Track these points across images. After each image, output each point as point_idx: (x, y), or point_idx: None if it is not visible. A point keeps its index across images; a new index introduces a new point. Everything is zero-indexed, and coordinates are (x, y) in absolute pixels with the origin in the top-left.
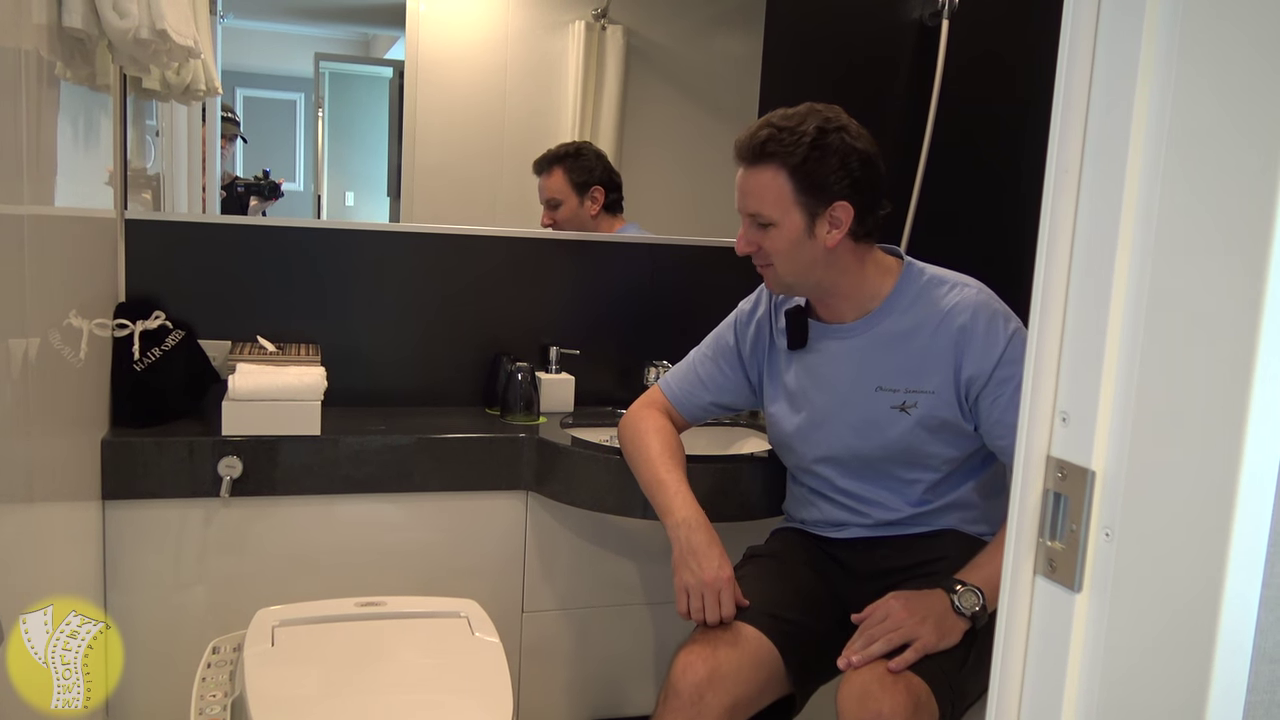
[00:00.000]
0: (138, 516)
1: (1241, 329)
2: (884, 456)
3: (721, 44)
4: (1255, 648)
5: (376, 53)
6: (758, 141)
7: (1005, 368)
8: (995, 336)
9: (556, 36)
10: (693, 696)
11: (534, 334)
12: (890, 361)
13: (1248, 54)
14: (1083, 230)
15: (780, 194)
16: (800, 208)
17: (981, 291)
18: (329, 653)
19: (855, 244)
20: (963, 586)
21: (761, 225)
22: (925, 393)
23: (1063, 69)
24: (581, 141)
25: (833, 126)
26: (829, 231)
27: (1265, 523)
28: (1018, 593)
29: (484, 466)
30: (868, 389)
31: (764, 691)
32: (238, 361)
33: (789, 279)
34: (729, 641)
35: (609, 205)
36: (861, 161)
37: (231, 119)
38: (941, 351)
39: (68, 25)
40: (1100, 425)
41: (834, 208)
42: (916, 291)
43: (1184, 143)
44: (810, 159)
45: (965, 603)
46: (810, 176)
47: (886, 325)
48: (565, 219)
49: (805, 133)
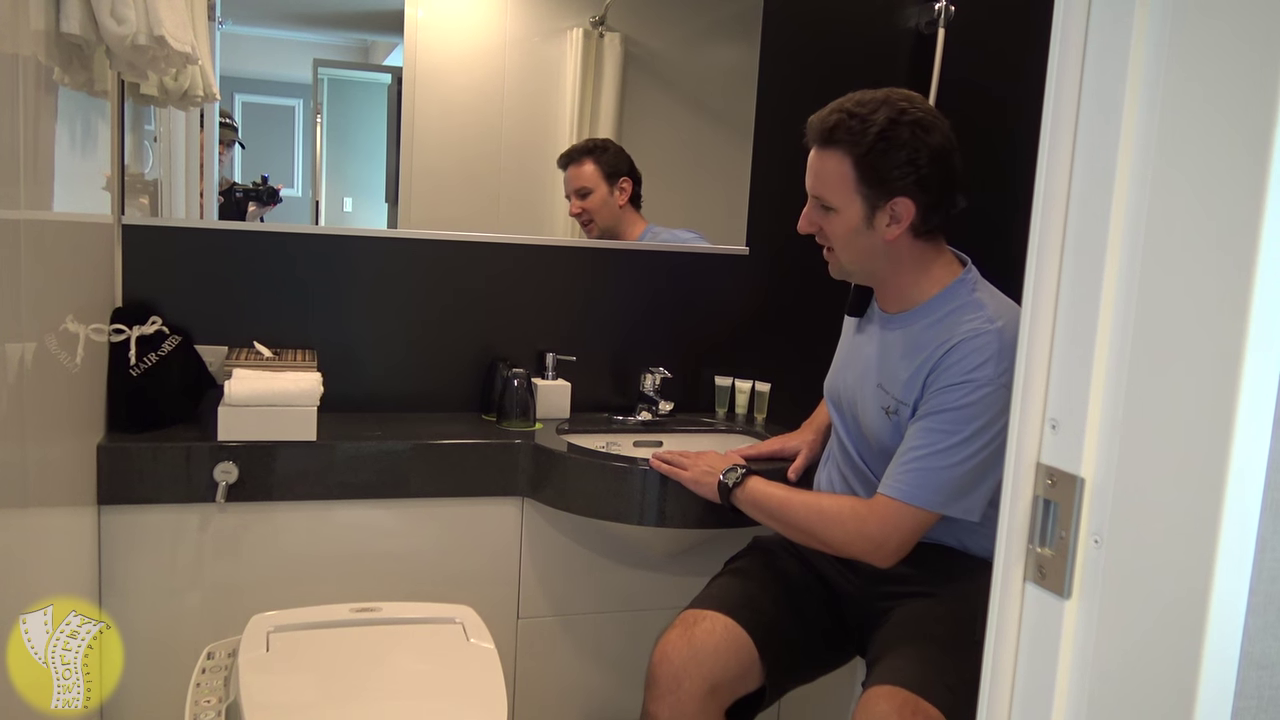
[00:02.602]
0: (133, 522)
1: (1228, 337)
2: (875, 449)
3: (719, 52)
4: (1243, 653)
5: (375, 59)
6: (828, 126)
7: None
8: (967, 362)
9: (554, 43)
10: (671, 684)
11: (530, 340)
12: (895, 364)
13: (1235, 66)
14: (1072, 239)
15: (843, 181)
16: (861, 197)
17: (1006, 330)
18: (324, 659)
19: (916, 239)
20: (738, 472)
21: (824, 209)
22: (906, 404)
23: (1052, 81)
24: (605, 139)
25: (907, 119)
26: (888, 225)
27: (1252, 530)
28: (1008, 599)
29: (480, 473)
30: (872, 382)
31: (742, 678)
32: (234, 367)
33: (848, 265)
34: (705, 629)
35: (634, 198)
36: (932, 157)
37: (230, 124)
38: (927, 369)
39: (65, 31)
40: (1089, 432)
41: (895, 202)
42: (955, 307)
43: (1172, 153)
44: (876, 150)
45: (728, 478)
46: (874, 168)
47: (912, 329)
48: (596, 207)
49: (875, 122)
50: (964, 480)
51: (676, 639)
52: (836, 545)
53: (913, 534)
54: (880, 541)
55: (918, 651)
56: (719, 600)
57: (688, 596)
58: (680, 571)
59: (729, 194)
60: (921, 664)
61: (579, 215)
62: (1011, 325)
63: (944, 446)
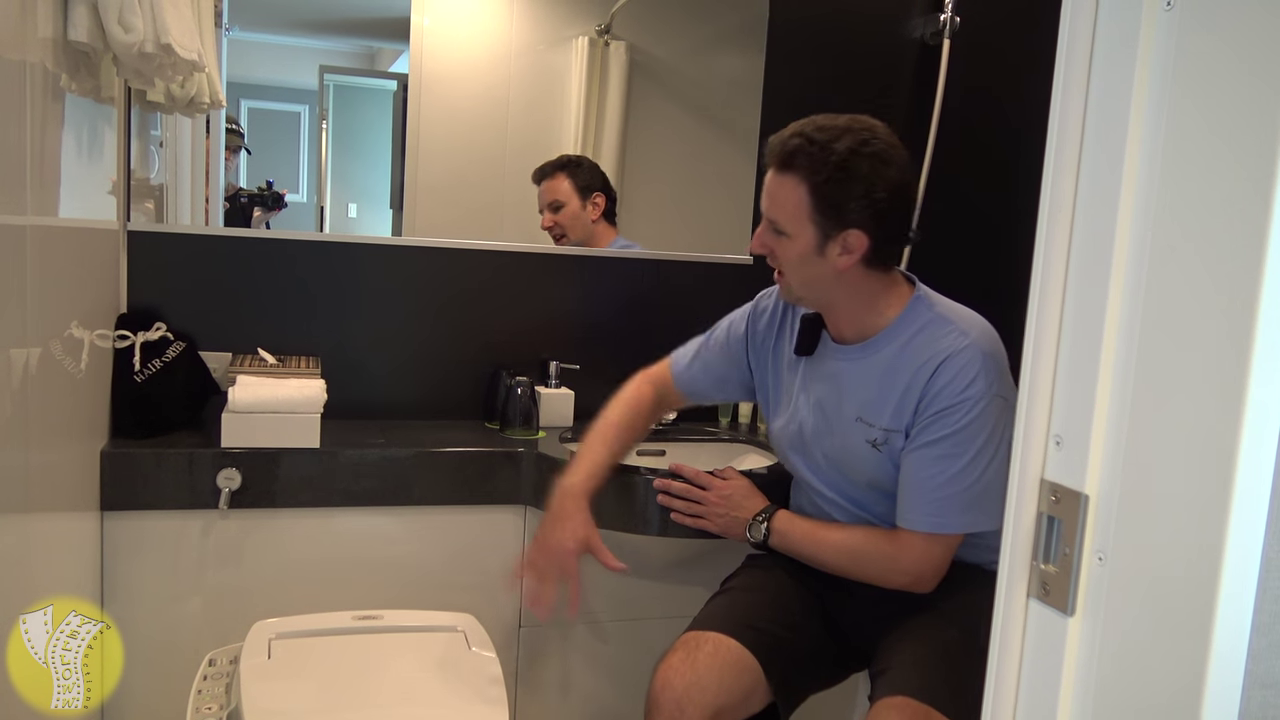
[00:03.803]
0: (136, 527)
1: (1234, 355)
2: (861, 484)
3: (723, 61)
4: (1247, 673)
5: (380, 66)
6: (788, 149)
7: (938, 424)
8: (956, 384)
9: (560, 52)
10: (674, 711)
11: (534, 348)
12: (873, 394)
13: (1240, 82)
14: (1077, 253)
15: (798, 207)
16: (815, 225)
17: (980, 341)
18: (325, 666)
19: (869, 270)
20: (763, 520)
21: (777, 232)
22: (896, 432)
23: (1057, 96)
24: (580, 155)
25: (868, 151)
26: (840, 255)
27: (1257, 548)
28: (1011, 615)
29: (483, 480)
30: (849, 417)
31: (746, 700)
32: (238, 374)
33: (798, 290)
34: (708, 652)
35: (607, 213)
36: (890, 191)
37: (236, 130)
38: (915, 393)
39: (73, 39)
40: (1094, 449)
41: (848, 234)
42: (919, 327)
43: (1176, 169)
44: (834, 180)
45: (754, 533)
46: (830, 198)
47: (880, 356)
48: (568, 221)
49: (835, 150)
50: (982, 495)
51: (679, 663)
52: (874, 580)
53: (945, 558)
54: (918, 575)
55: (925, 661)
56: (720, 620)
57: (690, 606)
58: (683, 581)
59: (733, 203)
60: (930, 674)
61: (551, 229)
62: (983, 335)
63: (956, 471)
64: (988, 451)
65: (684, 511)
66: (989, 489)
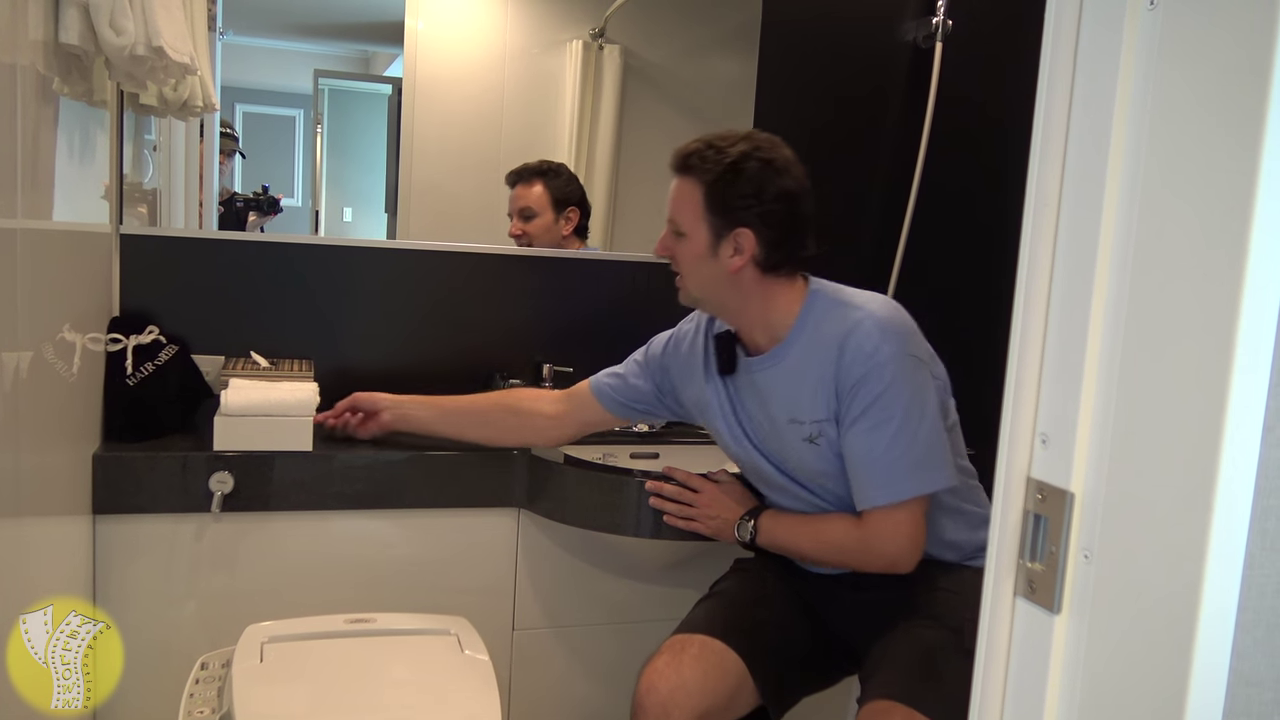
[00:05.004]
0: (128, 531)
1: (1218, 353)
2: (813, 483)
3: (718, 65)
4: (1232, 670)
5: (375, 70)
6: (687, 153)
7: (857, 399)
8: (860, 354)
9: (554, 56)
10: (658, 714)
11: (528, 351)
12: (795, 394)
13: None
14: (1062, 252)
15: (693, 206)
16: (708, 225)
17: (876, 311)
18: (318, 670)
19: (763, 275)
20: (749, 519)
21: (677, 234)
22: (826, 421)
23: (1042, 97)
24: (559, 163)
25: (759, 155)
26: (731, 255)
27: (1241, 546)
28: (998, 614)
29: (476, 484)
30: (781, 422)
31: (731, 703)
32: (231, 377)
33: (694, 292)
34: (694, 655)
35: (579, 229)
36: (779, 196)
37: (230, 134)
38: (829, 379)
39: (64, 41)
40: (1080, 447)
41: (738, 233)
42: (819, 317)
43: (1162, 169)
44: (724, 179)
45: (741, 532)
46: (721, 196)
47: (792, 356)
48: (538, 232)
49: (729, 154)
50: (926, 454)
51: (664, 666)
52: (855, 567)
53: (914, 526)
54: (892, 554)
55: (912, 665)
56: (706, 623)
57: (683, 608)
58: (676, 583)
59: None
60: (916, 678)
61: (519, 238)
62: (880, 305)
63: (890, 435)
64: (915, 410)
65: (676, 514)
66: (932, 447)
